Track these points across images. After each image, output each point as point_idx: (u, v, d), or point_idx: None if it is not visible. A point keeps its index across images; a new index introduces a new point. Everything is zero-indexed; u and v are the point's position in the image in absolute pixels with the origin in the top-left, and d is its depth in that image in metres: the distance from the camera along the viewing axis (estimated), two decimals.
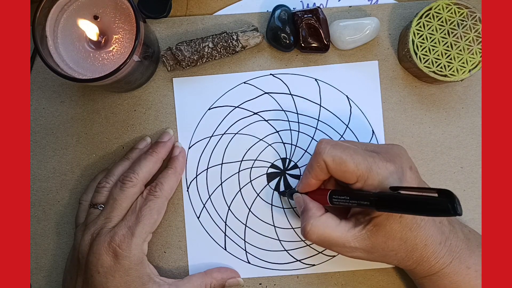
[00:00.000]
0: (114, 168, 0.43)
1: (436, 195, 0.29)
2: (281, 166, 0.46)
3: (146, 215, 0.40)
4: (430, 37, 0.42)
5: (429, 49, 0.42)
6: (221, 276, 0.43)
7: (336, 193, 0.37)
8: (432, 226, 0.36)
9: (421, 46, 0.42)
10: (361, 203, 0.34)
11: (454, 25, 0.42)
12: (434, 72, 0.42)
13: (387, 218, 0.35)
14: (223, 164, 0.46)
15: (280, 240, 0.45)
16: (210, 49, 0.44)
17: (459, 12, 0.42)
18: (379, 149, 0.38)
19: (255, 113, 0.46)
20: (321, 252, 0.45)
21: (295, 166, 0.46)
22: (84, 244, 0.39)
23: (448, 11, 0.42)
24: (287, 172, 0.46)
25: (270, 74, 0.46)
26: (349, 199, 0.35)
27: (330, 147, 0.36)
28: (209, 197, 0.46)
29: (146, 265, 0.40)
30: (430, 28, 0.42)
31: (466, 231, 0.39)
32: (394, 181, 0.35)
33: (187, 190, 0.46)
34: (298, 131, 0.46)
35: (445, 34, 0.42)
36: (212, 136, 0.46)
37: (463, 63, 0.42)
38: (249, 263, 0.45)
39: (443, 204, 0.27)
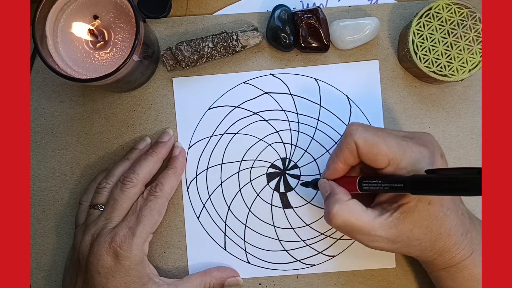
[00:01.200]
0: (114, 169, 0.43)
1: (474, 173, 0.29)
2: (281, 166, 0.46)
3: (147, 216, 0.39)
4: (430, 37, 0.42)
5: (429, 49, 0.42)
6: (220, 275, 0.43)
7: (366, 178, 0.36)
8: (455, 217, 0.36)
9: (421, 46, 0.42)
10: (395, 186, 0.33)
11: (454, 25, 0.42)
12: (434, 72, 0.41)
13: (416, 205, 0.34)
14: (223, 164, 0.46)
15: (280, 240, 0.45)
16: (210, 49, 0.44)
17: (459, 12, 0.42)
18: (411, 135, 0.37)
19: (255, 113, 0.46)
20: (321, 252, 0.45)
21: (295, 166, 0.46)
22: (84, 245, 0.39)
23: (448, 11, 0.42)
24: (287, 172, 0.46)
25: (270, 74, 0.46)
26: (381, 183, 0.34)
27: (362, 129, 0.36)
28: (209, 197, 0.46)
29: (146, 265, 0.40)
30: (430, 28, 0.42)
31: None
32: (427, 165, 0.34)
33: (187, 190, 0.46)
34: (298, 131, 0.46)
35: (445, 34, 0.42)
36: (212, 136, 0.46)
37: (463, 63, 0.42)
38: (249, 263, 0.45)
39: (478, 181, 0.28)
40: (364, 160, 0.36)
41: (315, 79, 0.46)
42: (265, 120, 0.46)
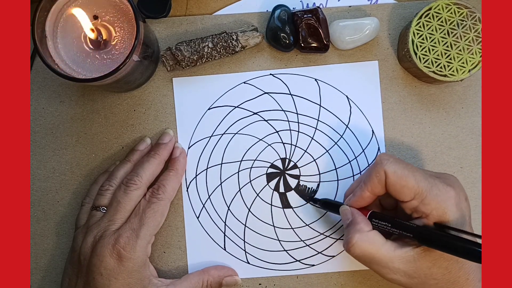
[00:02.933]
0: (116, 171, 0.43)
1: (476, 245, 0.31)
2: (280, 166, 0.46)
3: (150, 218, 0.40)
4: (430, 37, 0.42)
5: (428, 49, 0.42)
6: (218, 274, 0.43)
7: (377, 216, 0.37)
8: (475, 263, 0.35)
9: (420, 46, 0.42)
10: (404, 234, 0.34)
11: (454, 25, 0.42)
12: (433, 72, 0.41)
13: None
14: (222, 164, 0.46)
15: (279, 240, 0.45)
16: (209, 49, 0.44)
17: (458, 12, 0.42)
18: (437, 174, 0.38)
19: (254, 113, 0.46)
20: (320, 253, 0.45)
21: (295, 166, 0.46)
22: (86, 246, 0.39)
23: (448, 11, 0.42)
24: (286, 172, 0.46)
25: (270, 74, 0.46)
26: (390, 227, 0.36)
27: (393, 160, 0.37)
28: (209, 197, 0.46)
29: (148, 267, 0.40)
30: (429, 28, 0.42)
31: None
32: (452, 206, 0.35)
33: (187, 190, 0.46)
34: (298, 131, 0.46)
35: (444, 34, 0.42)
36: (211, 136, 0.46)
37: (463, 63, 0.42)
38: (248, 263, 0.45)
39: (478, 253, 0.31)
40: (390, 191, 0.37)
41: (315, 79, 0.46)
42: (265, 120, 0.46)
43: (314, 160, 0.45)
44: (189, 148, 0.46)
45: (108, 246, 0.38)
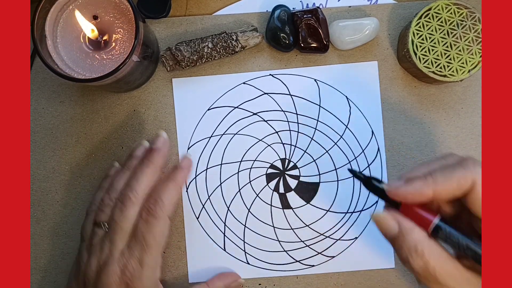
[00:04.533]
0: (116, 183, 0.40)
1: None
2: (280, 166, 0.46)
3: (151, 243, 0.37)
4: (430, 37, 0.42)
5: (428, 49, 0.42)
6: (223, 284, 0.43)
7: (448, 224, 0.29)
8: None
9: (420, 46, 0.42)
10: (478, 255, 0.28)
11: (454, 25, 0.42)
12: (433, 72, 0.41)
13: None
14: (222, 165, 0.46)
15: (279, 241, 0.45)
16: (209, 49, 0.44)
17: (458, 12, 0.42)
18: None
19: (254, 114, 0.46)
20: (320, 253, 0.45)
21: (295, 167, 0.46)
22: (90, 270, 0.38)
23: (448, 11, 0.42)
24: (286, 172, 0.46)
25: (270, 74, 0.46)
26: (472, 242, 0.28)
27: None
28: (208, 198, 0.46)
29: None
30: (429, 28, 0.42)
31: None
32: None
33: (186, 191, 0.46)
34: (298, 132, 0.46)
35: (444, 34, 0.42)
36: (211, 136, 0.46)
37: (463, 63, 0.42)
38: (248, 263, 0.45)
39: None
40: (470, 204, 0.29)
41: (315, 80, 0.46)
42: (264, 120, 0.46)
43: (314, 160, 0.45)
44: (188, 148, 0.46)
45: (114, 276, 0.36)
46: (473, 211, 0.30)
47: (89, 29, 0.38)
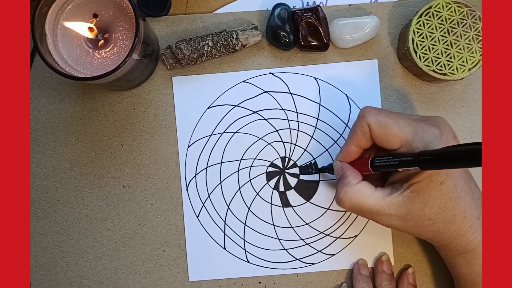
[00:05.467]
0: None
1: (475, 144, 0.29)
2: (280, 165, 0.46)
3: None
4: (430, 36, 0.42)
5: (428, 47, 0.42)
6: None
7: (377, 157, 0.37)
8: (471, 199, 0.35)
9: (421, 44, 0.42)
10: (404, 160, 0.33)
11: (454, 24, 0.42)
12: (433, 70, 0.41)
13: (427, 185, 0.34)
14: (222, 163, 0.46)
15: (279, 239, 0.45)
16: (209, 47, 0.44)
17: (459, 10, 0.42)
18: (423, 118, 0.37)
19: (254, 112, 0.46)
20: (320, 251, 0.45)
21: (295, 165, 0.46)
22: None
23: (448, 10, 0.42)
24: (286, 171, 0.46)
25: (270, 73, 0.46)
26: (391, 158, 0.35)
27: (375, 111, 0.37)
28: (209, 196, 0.46)
29: None
30: (430, 26, 0.42)
31: None
32: (439, 145, 0.34)
33: (186, 189, 0.46)
34: (298, 130, 0.46)
35: (445, 33, 0.42)
36: (211, 135, 0.46)
37: (463, 61, 0.41)
38: (248, 262, 0.45)
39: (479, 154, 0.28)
40: (377, 142, 0.37)
41: (315, 78, 0.46)
42: (264, 119, 0.46)
43: (314, 159, 0.45)
44: (188, 147, 0.46)
45: None
46: (381, 146, 0.37)
47: (86, 30, 0.38)
